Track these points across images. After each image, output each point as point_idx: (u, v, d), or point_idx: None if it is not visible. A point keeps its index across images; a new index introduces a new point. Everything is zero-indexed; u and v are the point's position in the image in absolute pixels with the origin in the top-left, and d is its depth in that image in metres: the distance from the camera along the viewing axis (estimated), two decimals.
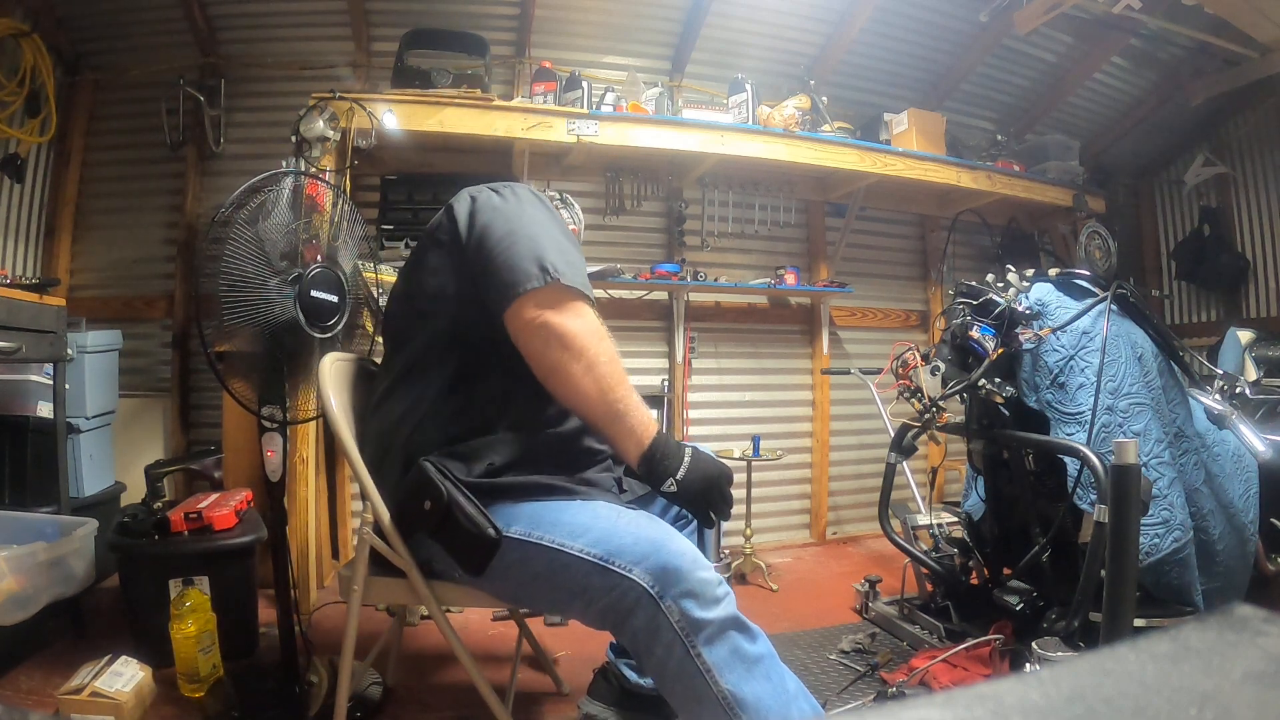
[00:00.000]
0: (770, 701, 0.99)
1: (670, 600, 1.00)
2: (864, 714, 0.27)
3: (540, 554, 1.09)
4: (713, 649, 0.99)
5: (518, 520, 1.12)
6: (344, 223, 1.69)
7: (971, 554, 2.06)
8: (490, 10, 3.01)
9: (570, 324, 1.12)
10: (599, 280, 2.84)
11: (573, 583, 1.07)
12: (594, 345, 1.12)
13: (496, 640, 2.08)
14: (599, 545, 1.06)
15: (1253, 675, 0.23)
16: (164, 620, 1.68)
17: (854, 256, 3.58)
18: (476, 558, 1.11)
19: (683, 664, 0.99)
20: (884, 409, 2.77)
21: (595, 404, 1.13)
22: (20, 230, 2.74)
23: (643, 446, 1.13)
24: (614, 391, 1.13)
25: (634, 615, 1.02)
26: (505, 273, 1.14)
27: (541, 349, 1.13)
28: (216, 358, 1.54)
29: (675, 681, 1.01)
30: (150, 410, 2.82)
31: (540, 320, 1.12)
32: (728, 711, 0.98)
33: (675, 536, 1.07)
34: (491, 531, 1.09)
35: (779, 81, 3.25)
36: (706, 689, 0.98)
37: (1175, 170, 4.10)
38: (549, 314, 1.12)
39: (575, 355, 1.11)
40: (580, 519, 1.11)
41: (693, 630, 0.99)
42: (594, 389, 1.12)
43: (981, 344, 1.78)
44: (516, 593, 1.17)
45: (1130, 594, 1.27)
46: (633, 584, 1.02)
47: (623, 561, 1.03)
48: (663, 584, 1.01)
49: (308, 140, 2.32)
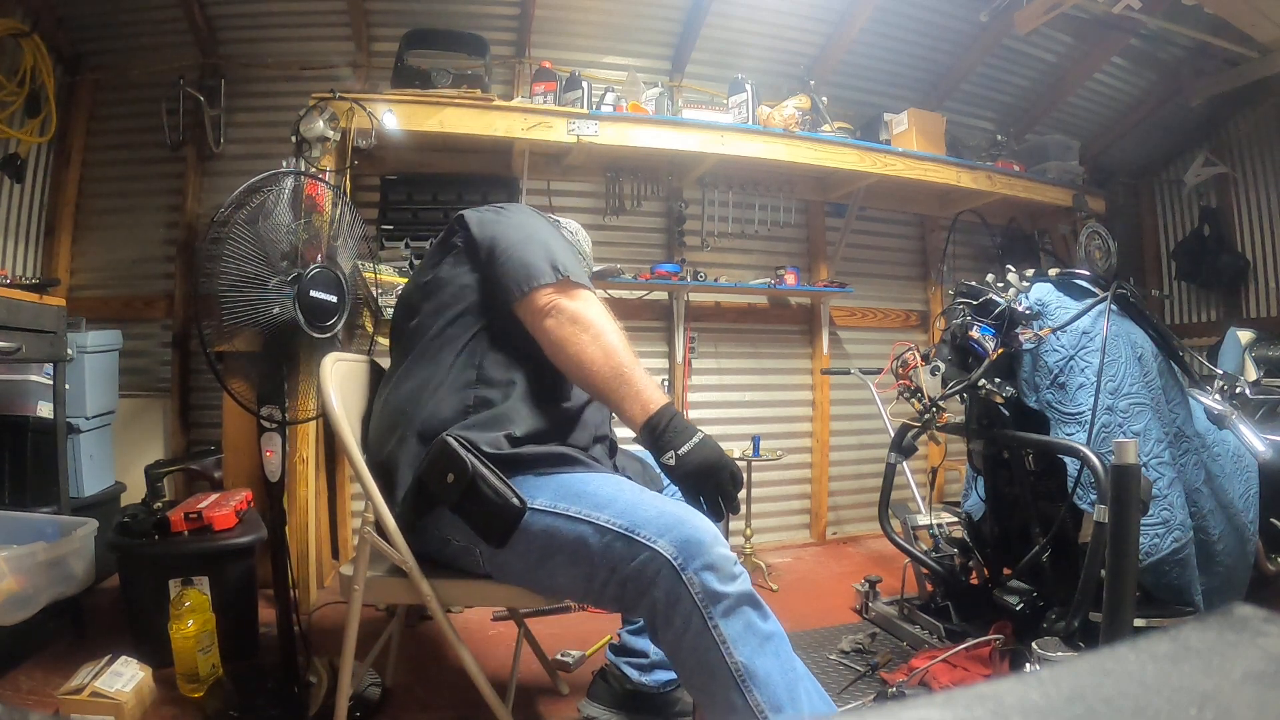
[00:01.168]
0: (779, 678, 1.01)
1: (692, 572, 1.02)
2: (864, 714, 0.27)
3: (565, 524, 1.11)
4: (729, 622, 1.01)
5: (542, 492, 1.14)
6: (344, 223, 1.69)
7: (971, 554, 2.06)
8: (490, 10, 3.01)
9: (580, 305, 1.22)
10: (599, 280, 2.83)
11: (597, 553, 1.09)
12: (601, 320, 1.22)
13: (496, 640, 2.08)
14: (624, 516, 1.09)
15: (1253, 675, 0.23)
16: (164, 620, 1.68)
17: (854, 256, 3.58)
18: (500, 528, 1.13)
19: (699, 636, 1.01)
20: (884, 409, 2.77)
21: (601, 367, 1.18)
22: (20, 230, 2.74)
23: (648, 412, 1.16)
24: (618, 356, 1.19)
25: (655, 586, 1.04)
26: (520, 269, 1.24)
27: (554, 326, 1.21)
28: (216, 358, 1.53)
29: (690, 653, 1.03)
30: (150, 410, 2.82)
31: (553, 304, 1.22)
32: (739, 683, 1.00)
33: (696, 514, 1.10)
34: (516, 501, 1.12)
35: (779, 81, 3.25)
36: (720, 661, 1.00)
37: (1175, 170, 4.10)
38: (561, 299, 1.22)
39: (584, 327, 1.20)
40: (605, 490, 1.14)
41: (711, 602, 1.02)
42: (600, 354, 1.18)
43: (981, 344, 1.78)
44: (535, 569, 1.17)
45: (1130, 594, 1.27)
46: (656, 554, 1.04)
47: (647, 533, 1.06)
48: (685, 556, 1.03)
49: (308, 140, 2.32)
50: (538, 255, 1.25)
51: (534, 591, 1.21)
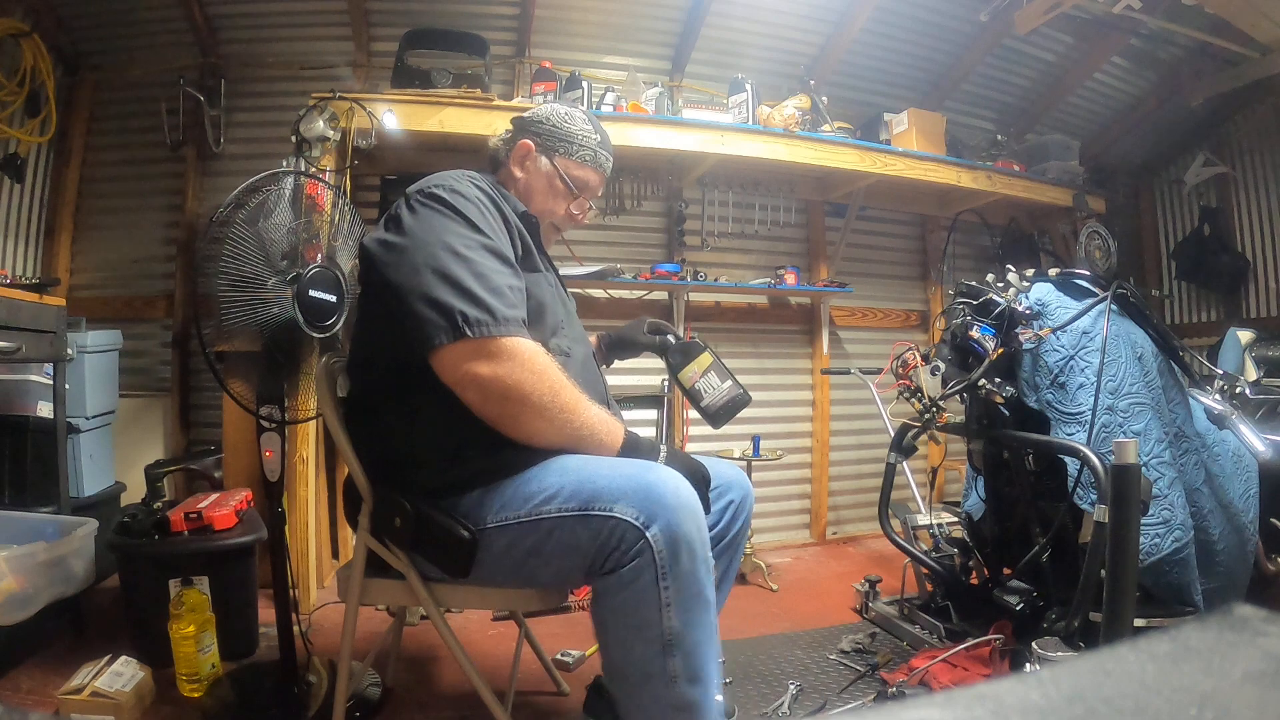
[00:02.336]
0: (706, 648, 1.03)
1: (657, 529, 1.00)
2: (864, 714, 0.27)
3: (523, 530, 1.08)
4: (678, 581, 1.00)
5: (492, 506, 1.11)
6: (343, 222, 1.69)
7: (971, 554, 2.06)
8: (490, 10, 3.01)
9: (502, 374, 1.04)
10: (599, 280, 2.84)
11: (561, 544, 1.06)
12: (536, 387, 1.06)
13: (496, 640, 2.08)
14: (575, 498, 1.05)
15: (1253, 675, 0.23)
16: (164, 620, 1.68)
17: (854, 256, 3.58)
18: (459, 561, 1.11)
19: (646, 591, 1.00)
20: (884, 409, 2.76)
21: (556, 440, 1.10)
22: (20, 230, 2.74)
23: (615, 450, 1.13)
24: (571, 423, 1.09)
25: (628, 548, 1.01)
26: (414, 328, 1.08)
27: (480, 404, 1.07)
28: (216, 358, 1.53)
29: (626, 610, 1.02)
30: (150, 410, 2.82)
31: (470, 376, 1.05)
32: (665, 647, 1.00)
33: (653, 467, 1.07)
34: (465, 533, 1.09)
35: (779, 81, 3.25)
36: (655, 621, 1.00)
37: (1175, 170, 4.10)
38: (475, 366, 1.05)
39: (519, 404, 1.05)
40: (549, 480, 1.09)
41: (671, 560, 1.00)
42: (549, 429, 1.08)
43: (981, 344, 1.78)
44: (516, 576, 1.15)
45: (1130, 594, 1.27)
46: (618, 521, 1.01)
47: (603, 503, 1.03)
48: (647, 514, 1.01)
49: (308, 140, 2.32)
50: (422, 305, 1.06)
51: (526, 589, 1.20)
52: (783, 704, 1.68)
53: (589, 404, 1.12)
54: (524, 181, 1.34)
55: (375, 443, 1.21)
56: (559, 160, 1.34)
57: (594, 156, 1.36)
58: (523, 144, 1.34)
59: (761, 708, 1.67)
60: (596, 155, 1.36)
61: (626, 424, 1.21)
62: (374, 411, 1.21)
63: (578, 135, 1.35)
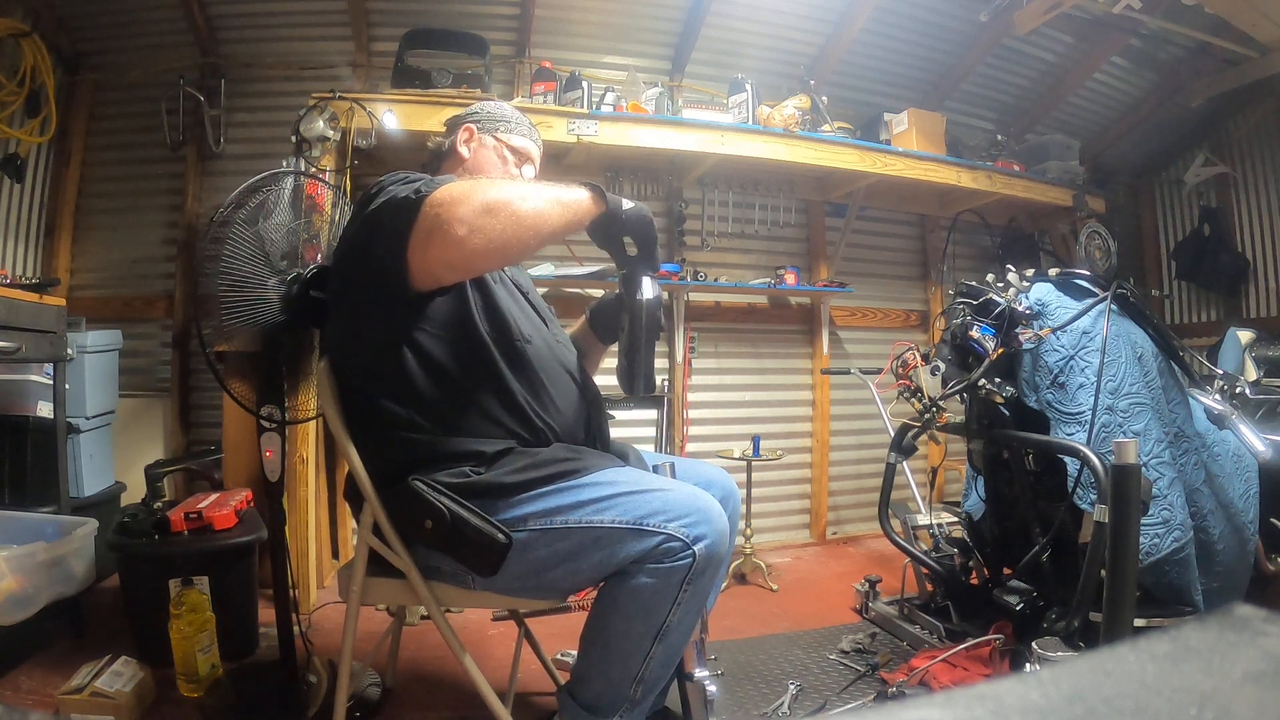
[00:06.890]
0: (682, 639, 1.16)
1: (702, 546, 1.09)
2: (864, 714, 0.27)
3: (565, 537, 1.12)
4: (696, 585, 1.11)
5: (533, 512, 1.12)
6: (344, 223, 1.69)
7: (971, 554, 2.06)
8: (490, 10, 3.01)
9: (469, 194, 1.05)
10: (599, 280, 2.84)
11: (603, 552, 1.11)
12: (498, 186, 1.10)
13: (496, 640, 2.08)
14: (630, 512, 1.11)
15: (1253, 675, 0.23)
16: (164, 620, 1.68)
17: (854, 256, 3.58)
18: (489, 563, 1.12)
19: (664, 591, 1.09)
20: (884, 409, 2.76)
21: (550, 213, 1.09)
22: (20, 230, 2.74)
23: (591, 202, 1.14)
24: (544, 193, 1.10)
25: (669, 561, 1.09)
26: (384, 243, 1.10)
27: (469, 236, 1.03)
28: (216, 358, 1.53)
29: (644, 601, 1.11)
30: (150, 410, 2.82)
31: (447, 224, 1.03)
32: (657, 634, 1.11)
33: (697, 491, 1.16)
34: (502, 537, 1.10)
35: (779, 81, 3.25)
36: (660, 613, 1.10)
37: (1175, 170, 4.10)
38: (443, 210, 1.04)
39: (502, 204, 1.04)
40: (601, 493, 1.13)
41: (701, 572, 1.10)
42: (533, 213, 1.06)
43: (981, 344, 1.78)
44: (536, 579, 1.16)
45: (1130, 594, 1.27)
46: (669, 536, 1.09)
47: (657, 521, 1.10)
48: (695, 534, 1.09)
49: (308, 140, 2.32)
50: (390, 206, 1.10)
51: (536, 598, 1.22)
52: (783, 704, 1.68)
53: (545, 186, 1.14)
54: (472, 160, 1.43)
55: (386, 447, 1.19)
56: (500, 135, 1.46)
57: (528, 131, 1.50)
58: (464, 128, 1.45)
59: (761, 708, 1.67)
60: (530, 130, 1.50)
61: (625, 424, 1.24)
62: (374, 410, 1.21)
63: (510, 115, 1.49)
